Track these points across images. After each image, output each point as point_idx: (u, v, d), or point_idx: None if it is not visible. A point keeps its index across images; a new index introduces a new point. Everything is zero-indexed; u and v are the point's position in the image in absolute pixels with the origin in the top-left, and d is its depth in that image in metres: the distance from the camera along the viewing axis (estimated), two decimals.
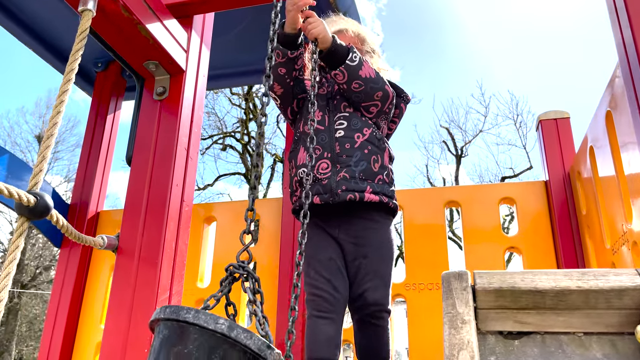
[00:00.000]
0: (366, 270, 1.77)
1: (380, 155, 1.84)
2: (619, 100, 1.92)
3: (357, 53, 1.81)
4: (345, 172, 1.77)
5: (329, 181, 1.77)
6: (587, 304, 1.27)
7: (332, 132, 1.84)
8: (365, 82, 1.80)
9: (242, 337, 0.95)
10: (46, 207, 1.19)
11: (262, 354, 0.96)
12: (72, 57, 1.33)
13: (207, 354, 0.94)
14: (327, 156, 1.80)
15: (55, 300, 3.06)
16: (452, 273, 1.34)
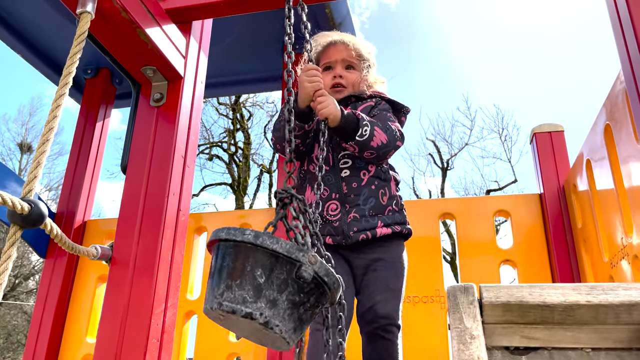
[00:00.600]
0: (376, 284, 1.74)
1: (387, 187, 1.82)
2: (619, 113, 1.93)
3: (367, 124, 1.72)
4: (355, 212, 1.75)
5: (339, 223, 1.75)
6: (596, 319, 1.25)
7: (338, 172, 1.80)
8: (377, 150, 1.75)
9: (268, 243, 1.01)
10: (40, 215, 1.14)
11: (292, 256, 1.01)
12: (69, 60, 1.28)
13: (241, 262, 1.02)
14: (335, 197, 1.78)
15: (39, 311, 2.96)
16: (458, 286, 1.31)
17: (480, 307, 1.28)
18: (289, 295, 1.02)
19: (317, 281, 1.03)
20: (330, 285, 1.05)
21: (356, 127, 1.70)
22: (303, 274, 1.01)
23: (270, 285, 1.01)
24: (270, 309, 1.01)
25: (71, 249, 1.35)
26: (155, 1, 1.65)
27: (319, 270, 1.03)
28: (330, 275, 1.05)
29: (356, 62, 1.96)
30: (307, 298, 1.04)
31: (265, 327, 1.00)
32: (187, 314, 2.96)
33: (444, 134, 17.85)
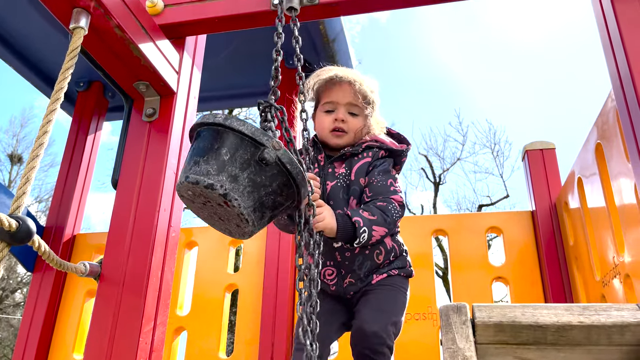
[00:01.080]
0: (366, 305, 1.70)
1: (382, 246, 1.77)
2: (610, 132, 1.94)
3: (365, 229, 1.63)
4: (351, 277, 1.75)
5: (337, 287, 1.76)
6: (588, 340, 1.24)
7: (330, 243, 1.72)
8: (378, 241, 1.71)
9: (235, 124, 1.12)
10: (28, 232, 1.12)
11: (257, 139, 1.10)
12: (61, 76, 1.27)
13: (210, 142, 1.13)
14: (331, 264, 1.77)
15: (25, 327, 2.91)
16: (451, 306, 1.31)
17: (473, 327, 1.27)
18: (250, 175, 1.11)
19: (279, 168, 1.11)
20: (295, 176, 1.12)
21: (354, 235, 1.62)
22: (265, 156, 1.09)
23: (234, 162, 1.11)
24: (231, 182, 1.10)
25: (59, 266, 1.33)
26: (150, 16, 1.65)
27: (282, 156, 1.10)
28: (294, 164, 1.12)
29: (360, 106, 1.83)
30: (269, 182, 1.12)
31: (224, 198, 1.09)
32: (177, 330, 2.92)
33: (436, 148, 17.97)
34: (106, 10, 1.39)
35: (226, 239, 3.10)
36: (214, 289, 2.97)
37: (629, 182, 1.78)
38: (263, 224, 1.17)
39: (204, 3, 1.71)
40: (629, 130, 1.48)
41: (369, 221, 1.64)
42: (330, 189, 1.76)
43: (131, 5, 1.52)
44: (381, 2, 1.62)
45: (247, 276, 2.99)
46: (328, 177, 1.79)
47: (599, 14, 1.62)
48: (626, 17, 1.51)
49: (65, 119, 3.42)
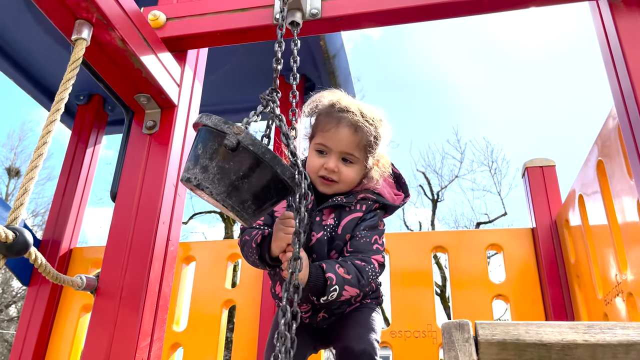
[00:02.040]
0: (347, 324, 1.67)
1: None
2: (611, 149, 1.93)
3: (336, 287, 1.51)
4: (325, 313, 1.71)
5: (310, 320, 1.72)
6: (593, 359, 1.22)
7: None
8: (349, 299, 1.64)
9: (204, 119, 1.22)
10: (25, 244, 1.10)
11: (218, 128, 1.18)
12: (62, 86, 1.26)
13: (194, 141, 1.27)
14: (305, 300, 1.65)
15: (19, 341, 2.87)
16: (453, 323, 1.28)
17: (475, 344, 1.25)
18: (218, 162, 1.18)
19: (245, 151, 1.16)
20: (261, 156, 1.16)
21: (323, 290, 1.50)
22: (226, 142, 1.15)
23: (205, 154, 1.20)
24: (202, 173, 1.19)
25: (56, 279, 1.31)
26: (152, 29, 1.65)
27: (243, 140, 1.16)
28: (257, 145, 1.17)
29: (357, 155, 1.64)
30: (239, 167, 1.18)
31: (198, 189, 1.19)
32: (173, 346, 2.88)
33: (434, 165, 18.01)
34: (108, 22, 1.38)
35: (224, 254, 3.07)
36: (211, 305, 2.93)
37: (632, 200, 1.77)
38: (251, 208, 1.21)
39: (206, 17, 1.71)
40: (632, 147, 1.47)
41: (342, 280, 1.51)
42: (316, 241, 1.62)
43: (134, 17, 1.52)
44: (383, 17, 1.62)
45: (245, 292, 2.95)
46: (315, 226, 1.63)
47: (600, 30, 1.63)
48: (628, 32, 1.51)
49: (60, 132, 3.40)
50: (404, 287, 2.83)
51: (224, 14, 1.71)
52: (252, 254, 1.59)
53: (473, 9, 1.59)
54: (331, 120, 1.64)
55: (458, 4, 1.57)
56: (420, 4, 1.59)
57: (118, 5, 1.44)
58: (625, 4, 1.53)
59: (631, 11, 1.52)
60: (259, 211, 1.24)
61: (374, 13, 1.61)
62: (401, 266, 2.89)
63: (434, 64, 27.39)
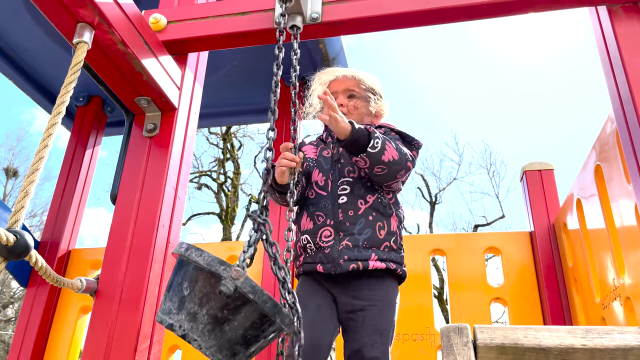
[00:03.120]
0: (364, 325, 1.67)
1: (386, 222, 1.77)
2: (609, 154, 1.94)
3: (379, 137, 1.69)
4: (348, 241, 1.71)
5: (331, 250, 1.71)
6: None
7: (335, 198, 1.78)
8: (388, 166, 1.71)
9: (194, 255, 1.03)
10: (26, 247, 1.10)
11: (213, 270, 1.00)
12: (64, 89, 1.27)
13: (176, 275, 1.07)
14: (330, 223, 1.75)
15: (17, 343, 2.86)
16: (452, 327, 1.29)
17: (474, 348, 1.25)
18: (209, 310, 1.01)
19: (244, 299, 1.00)
20: (262, 305, 1.00)
21: (368, 139, 1.68)
22: (222, 288, 0.98)
23: (193, 297, 1.02)
24: (190, 322, 1.01)
25: (56, 282, 1.31)
26: (153, 32, 1.66)
27: (242, 286, 0.99)
28: (257, 292, 1.00)
29: (358, 90, 1.97)
30: (233, 316, 1.01)
31: (184, 339, 1.01)
32: (171, 348, 2.88)
33: (432, 168, 18.06)
34: (110, 26, 1.39)
35: (222, 256, 3.08)
36: None
37: (630, 204, 1.78)
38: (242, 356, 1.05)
39: (207, 20, 1.72)
40: (630, 152, 1.48)
41: (384, 137, 1.72)
42: (343, 151, 1.85)
43: (135, 20, 1.52)
44: (383, 22, 1.63)
45: None
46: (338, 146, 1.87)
47: (599, 36, 1.64)
48: (626, 38, 1.52)
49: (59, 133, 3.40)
50: (402, 290, 2.82)
51: (225, 17, 1.72)
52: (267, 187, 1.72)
53: (472, 15, 1.60)
54: (330, 76, 2.01)
55: (457, 9, 1.58)
56: (420, 9, 1.60)
57: (119, 9, 1.44)
58: (624, 10, 1.55)
59: (630, 17, 1.53)
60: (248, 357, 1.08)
61: (374, 18, 1.62)
62: None
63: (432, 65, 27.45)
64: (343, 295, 1.72)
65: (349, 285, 1.73)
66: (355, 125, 1.69)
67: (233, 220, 15.72)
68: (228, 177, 16.22)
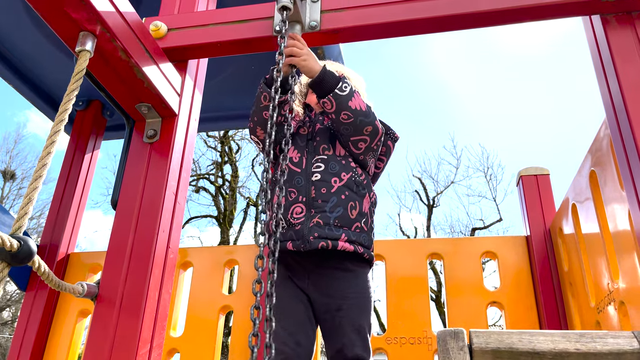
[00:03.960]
0: (341, 324, 1.70)
1: (358, 202, 1.79)
2: (604, 159, 1.97)
3: (349, 83, 1.78)
4: (320, 218, 1.72)
5: (301, 227, 1.72)
6: None
7: (309, 175, 1.81)
8: (354, 114, 1.76)
9: None
10: (29, 252, 1.12)
11: None
12: (66, 97, 1.29)
13: None
14: (302, 200, 1.76)
15: (16, 346, 2.87)
16: (448, 331, 1.31)
17: (470, 352, 1.27)
18: None
19: None
20: None
21: (337, 81, 1.75)
22: None
23: None
24: None
25: (57, 287, 1.33)
26: (153, 40, 1.68)
27: None
28: None
29: None
30: None
31: None
32: (170, 351, 2.89)
33: (430, 171, 18.11)
34: (112, 34, 1.41)
35: (221, 260, 3.09)
36: (208, 311, 2.95)
37: (623, 209, 1.81)
38: None
39: (207, 28, 1.74)
40: (623, 158, 1.51)
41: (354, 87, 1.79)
42: (318, 129, 1.95)
43: (136, 28, 1.54)
44: (381, 30, 1.65)
45: (242, 298, 2.97)
46: (317, 122, 1.99)
47: (593, 44, 1.66)
48: (619, 47, 1.55)
49: None
50: (400, 294, 2.85)
51: (225, 25, 1.74)
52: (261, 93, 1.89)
53: (470, 24, 1.63)
54: None
55: (455, 17, 1.60)
56: (418, 17, 1.62)
57: (121, 17, 1.46)
58: (617, 20, 1.57)
59: (623, 27, 1.56)
60: None
61: (372, 26, 1.64)
62: (397, 273, 2.91)
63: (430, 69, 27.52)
64: (318, 295, 1.74)
65: (322, 280, 1.74)
66: (326, 67, 1.77)
67: (231, 223, 15.73)
68: (226, 180, 16.23)
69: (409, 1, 1.62)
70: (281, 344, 1.63)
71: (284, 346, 1.64)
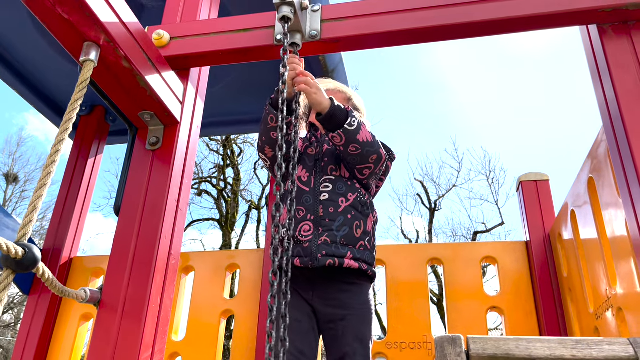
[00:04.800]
0: (344, 334, 1.74)
1: (363, 221, 1.85)
2: (601, 166, 1.99)
3: (356, 117, 1.83)
4: (327, 237, 1.77)
5: (309, 244, 1.77)
6: None
7: (317, 195, 1.86)
8: (362, 146, 1.82)
9: None
10: (34, 260, 1.14)
11: None
12: (70, 107, 1.31)
13: None
14: (310, 218, 1.81)
15: (19, 350, 2.90)
16: (446, 337, 1.33)
17: (467, 359, 1.29)
18: None
19: None
20: None
21: (346, 116, 1.80)
22: None
23: None
24: None
25: (61, 292, 1.35)
26: (156, 49, 1.70)
27: None
28: None
29: (344, 100, 2.07)
30: None
31: None
32: (172, 355, 2.91)
33: (432, 175, 18.12)
34: (115, 44, 1.43)
35: (223, 264, 3.11)
36: (209, 315, 2.97)
37: (620, 215, 1.82)
38: None
39: (209, 37, 1.77)
40: (619, 166, 1.52)
41: (360, 122, 1.85)
42: (326, 150, 1.99)
43: (139, 38, 1.57)
44: (381, 39, 1.68)
45: (243, 302, 2.99)
46: (325, 142, 2.03)
47: (590, 54, 1.69)
48: (616, 57, 1.57)
49: None
50: (400, 299, 2.87)
51: (227, 34, 1.77)
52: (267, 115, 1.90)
53: (469, 33, 1.65)
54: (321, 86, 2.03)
55: (452, 27, 1.62)
56: (418, 26, 1.64)
57: (124, 27, 1.49)
58: (614, 30, 1.59)
59: (619, 37, 1.58)
60: None
61: (372, 35, 1.66)
62: (397, 277, 2.93)
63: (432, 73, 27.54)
64: (322, 306, 1.78)
65: (327, 292, 1.78)
66: (334, 101, 1.81)
67: (233, 226, 15.75)
68: (228, 183, 16.26)
69: (408, 11, 1.64)
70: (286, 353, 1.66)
71: (289, 355, 1.67)
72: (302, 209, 1.84)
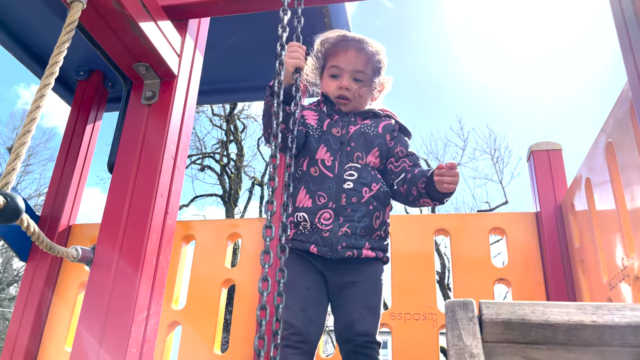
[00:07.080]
0: (354, 300, 1.71)
1: (382, 212, 1.81)
2: (622, 131, 1.89)
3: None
4: (348, 228, 1.72)
5: (330, 234, 1.71)
6: (600, 341, 1.19)
7: (341, 182, 1.77)
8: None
9: None
10: (17, 209, 1.06)
11: None
12: (56, 50, 1.22)
13: None
14: (332, 206, 1.74)
15: (17, 318, 2.85)
16: (457, 302, 1.26)
17: (480, 324, 1.22)
18: None
19: None
20: None
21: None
22: None
23: None
24: None
25: (49, 249, 1.27)
26: None
27: None
28: None
29: (366, 73, 1.90)
30: None
31: None
32: (171, 324, 2.86)
33: (436, 153, 17.92)
34: None
35: (224, 233, 3.04)
36: (210, 284, 2.91)
37: None
38: None
39: None
40: None
41: None
42: (353, 133, 1.86)
43: None
44: None
45: (245, 272, 2.93)
46: (351, 123, 1.88)
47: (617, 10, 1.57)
48: None
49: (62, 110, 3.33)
50: (405, 270, 2.80)
51: None
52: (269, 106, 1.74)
53: None
54: (340, 46, 1.89)
55: None
56: None
57: None
58: None
59: None
60: None
61: None
62: (403, 248, 2.85)
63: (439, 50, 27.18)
64: (334, 275, 1.75)
65: (340, 268, 1.76)
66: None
67: (236, 202, 15.73)
68: (231, 159, 16.18)
69: None
70: (293, 318, 1.61)
71: (296, 321, 1.62)
72: (323, 195, 1.75)
